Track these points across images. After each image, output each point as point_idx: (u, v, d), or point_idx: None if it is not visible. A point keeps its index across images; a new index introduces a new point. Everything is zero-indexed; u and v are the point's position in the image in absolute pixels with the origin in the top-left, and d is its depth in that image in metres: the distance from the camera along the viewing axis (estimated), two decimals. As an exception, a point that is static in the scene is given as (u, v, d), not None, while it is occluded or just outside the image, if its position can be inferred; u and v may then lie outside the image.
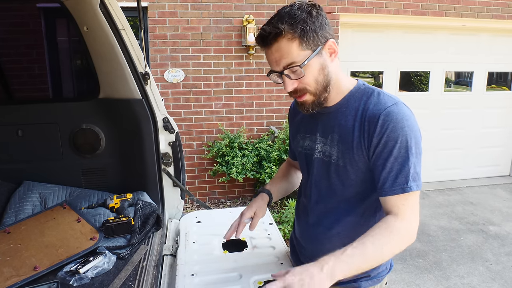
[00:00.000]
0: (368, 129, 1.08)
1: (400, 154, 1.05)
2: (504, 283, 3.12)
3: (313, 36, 1.04)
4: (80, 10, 1.83)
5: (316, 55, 1.06)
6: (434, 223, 4.24)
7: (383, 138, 1.06)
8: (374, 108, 1.09)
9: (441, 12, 4.89)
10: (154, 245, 1.66)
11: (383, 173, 1.07)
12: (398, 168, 1.05)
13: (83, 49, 1.96)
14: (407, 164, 1.05)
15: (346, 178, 1.17)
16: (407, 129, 1.05)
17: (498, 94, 5.74)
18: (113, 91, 2.00)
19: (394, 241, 1.03)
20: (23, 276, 1.35)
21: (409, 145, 1.05)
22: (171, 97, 4.41)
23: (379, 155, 1.07)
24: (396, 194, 1.06)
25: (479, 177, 5.78)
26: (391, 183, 1.06)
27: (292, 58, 1.04)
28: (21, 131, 2.00)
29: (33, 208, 1.88)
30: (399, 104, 1.09)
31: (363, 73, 5.34)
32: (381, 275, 1.29)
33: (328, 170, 1.21)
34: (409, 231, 1.06)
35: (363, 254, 0.99)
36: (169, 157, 2.09)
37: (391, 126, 1.05)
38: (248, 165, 4.19)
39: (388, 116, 1.06)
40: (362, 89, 1.16)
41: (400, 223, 1.04)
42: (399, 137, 1.04)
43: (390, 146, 1.05)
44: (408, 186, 1.05)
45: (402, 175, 1.05)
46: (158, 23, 4.24)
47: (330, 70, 1.10)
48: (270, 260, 1.48)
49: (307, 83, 1.09)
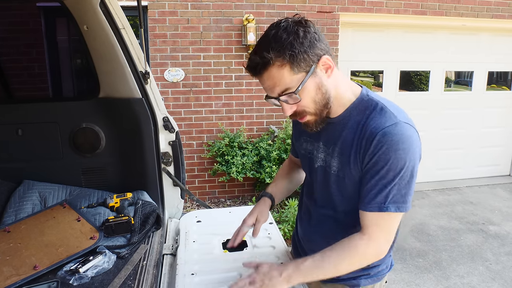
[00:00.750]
0: (364, 146, 1.07)
1: (387, 176, 1.03)
2: (504, 282, 3.12)
3: (303, 58, 0.99)
4: (80, 9, 1.82)
5: (311, 76, 1.02)
6: (434, 223, 4.24)
7: (374, 158, 1.04)
8: (373, 125, 1.06)
9: (441, 11, 4.88)
10: (154, 244, 1.66)
11: (365, 188, 1.08)
12: (380, 187, 1.05)
13: (83, 48, 1.96)
14: (390, 185, 1.04)
15: (344, 190, 1.18)
16: (401, 152, 1.02)
17: (498, 93, 5.74)
18: (113, 90, 1.99)
19: (354, 259, 1.09)
20: (23, 275, 1.35)
21: (399, 169, 1.02)
22: (171, 97, 4.41)
23: (367, 172, 1.07)
24: (372, 211, 1.06)
25: (479, 176, 5.78)
26: (370, 199, 1.06)
27: (285, 84, 1.01)
28: (21, 130, 2.00)
29: (33, 207, 1.88)
30: (399, 124, 1.04)
31: (363, 73, 5.34)
32: (381, 273, 1.30)
33: (329, 180, 1.21)
34: (374, 251, 1.10)
35: (320, 267, 1.08)
36: (169, 157, 2.09)
37: (384, 148, 1.02)
38: (248, 164, 4.19)
39: (384, 137, 1.02)
40: (365, 101, 1.12)
41: (365, 243, 1.07)
42: (390, 160, 1.02)
43: (379, 166, 1.04)
44: (385, 206, 1.04)
45: (382, 194, 1.04)
46: (158, 22, 4.24)
47: (328, 87, 1.07)
48: (270, 259, 1.48)
49: (305, 105, 1.06)
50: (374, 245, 1.08)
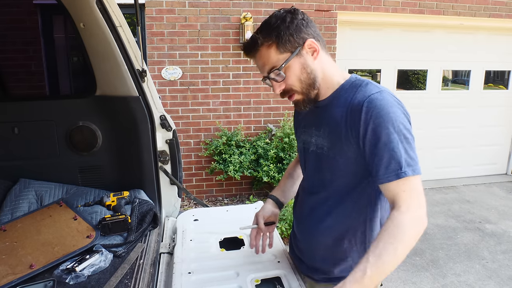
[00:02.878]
0: (354, 117, 1.09)
1: (389, 139, 1.03)
2: (500, 281, 3.14)
3: (289, 40, 1.10)
4: (77, 7, 1.81)
5: (296, 56, 1.11)
6: (431, 221, 4.25)
7: (370, 125, 1.05)
8: (359, 97, 1.10)
9: (438, 10, 4.89)
10: (151, 243, 1.66)
11: (375, 161, 1.06)
12: (389, 154, 1.03)
13: (80, 46, 1.95)
14: (398, 149, 1.03)
15: (336, 169, 1.19)
16: (392, 115, 1.05)
17: (495, 92, 5.75)
18: (110, 89, 1.99)
19: (406, 237, 1.01)
20: (19, 274, 1.34)
21: (397, 130, 1.04)
22: (168, 95, 4.40)
23: (368, 143, 1.07)
24: (391, 181, 1.04)
25: (476, 175, 5.80)
26: (384, 170, 1.04)
27: (272, 63, 1.12)
28: (17, 129, 1.99)
29: (29, 205, 1.88)
30: (384, 92, 1.10)
31: (360, 71, 5.34)
32: None
33: (320, 161, 1.23)
34: (416, 220, 1.03)
35: (383, 267, 0.98)
36: (166, 155, 2.08)
37: (376, 112, 1.05)
38: (246, 163, 4.19)
39: (372, 103, 1.06)
40: (353, 82, 1.17)
41: (405, 216, 1.01)
42: (385, 122, 1.04)
43: (378, 132, 1.04)
44: (402, 171, 1.02)
45: (394, 161, 1.03)
46: (156, 20, 4.22)
47: (313, 68, 1.14)
48: (267, 258, 1.48)
49: (291, 83, 1.14)
50: (413, 214, 1.03)
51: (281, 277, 1.35)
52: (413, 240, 1.03)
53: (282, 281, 1.33)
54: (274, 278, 1.35)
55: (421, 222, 1.04)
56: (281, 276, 1.35)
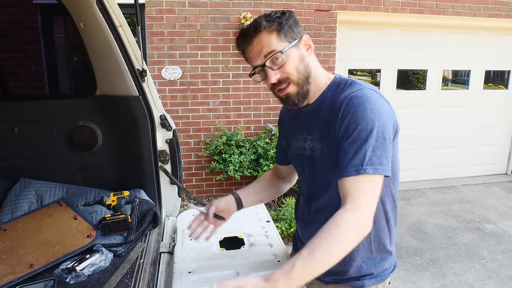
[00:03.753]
0: (335, 115, 1.10)
1: (358, 137, 1.03)
2: (500, 280, 3.14)
3: (289, 30, 1.12)
4: (77, 7, 1.82)
5: (294, 46, 1.13)
6: (431, 221, 4.26)
7: (344, 122, 1.06)
8: (341, 96, 1.11)
9: (438, 10, 4.89)
10: (151, 242, 1.66)
11: (340, 156, 1.06)
12: (354, 150, 1.03)
13: (80, 46, 1.95)
14: (364, 146, 1.02)
15: (332, 171, 1.15)
16: (369, 112, 1.04)
17: (495, 92, 5.76)
18: (110, 88, 1.99)
19: (344, 238, 0.97)
20: (19, 274, 1.35)
21: (369, 129, 1.02)
22: (168, 95, 4.40)
23: (341, 139, 1.07)
24: (350, 176, 1.01)
25: (476, 175, 5.80)
26: (346, 164, 1.03)
27: (272, 47, 1.10)
28: (17, 128, 1.99)
29: (30, 205, 1.88)
30: (365, 89, 1.09)
31: (360, 71, 5.34)
32: (385, 273, 1.28)
33: (317, 165, 1.22)
34: (360, 221, 0.99)
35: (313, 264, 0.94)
36: (166, 155, 2.08)
37: (352, 110, 1.05)
38: (246, 162, 4.19)
39: (351, 101, 1.07)
40: (338, 82, 1.18)
41: (348, 216, 0.98)
42: (360, 120, 1.03)
43: (351, 129, 1.04)
44: (362, 168, 1.00)
45: (358, 157, 1.02)
46: (156, 20, 4.22)
47: (309, 62, 1.16)
48: (267, 257, 1.48)
49: (289, 72, 1.12)
50: (357, 213, 0.98)
51: (281, 276, 1.35)
52: (352, 242, 0.99)
53: (282, 280, 1.33)
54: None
55: (364, 226, 1.00)
56: (281, 276, 1.35)
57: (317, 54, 4.32)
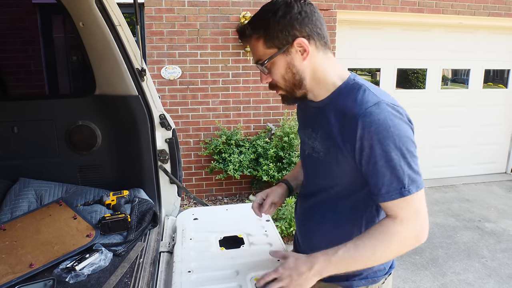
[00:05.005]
0: (349, 130, 1.03)
1: (389, 157, 0.98)
2: (499, 279, 3.14)
3: (277, 36, 1.04)
4: (76, 6, 1.81)
5: (282, 53, 1.06)
6: (431, 220, 4.19)
7: (368, 142, 0.99)
8: (355, 108, 1.03)
9: (438, 9, 4.89)
10: (151, 242, 1.66)
11: (376, 179, 1.01)
12: (391, 171, 0.98)
13: (79, 46, 1.95)
14: (400, 166, 0.98)
15: (332, 176, 1.15)
16: (392, 129, 0.98)
17: (494, 91, 5.76)
18: (110, 88, 1.99)
19: (392, 245, 1.00)
20: (18, 273, 1.35)
21: (398, 146, 0.98)
22: (168, 94, 4.40)
23: (368, 160, 1.01)
24: (393, 199, 1.00)
25: (476, 174, 5.80)
26: (386, 188, 1.00)
27: (258, 55, 1.10)
28: (16, 128, 1.99)
29: (29, 205, 1.88)
30: (381, 104, 1.01)
31: (360, 71, 5.34)
32: (377, 275, 1.24)
33: (317, 166, 1.21)
34: (411, 234, 1.01)
35: (354, 257, 1.00)
36: (166, 154, 2.08)
37: (374, 128, 0.98)
38: (245, 162, 4.19)
39: (370, 117, 0.99)
40: (351, 85, 1.10)
41: (399, 227, 1.00)
42: (385, 139, 0.98)
43: (378, 150, 0.98)
44: (406, 189, 0.98)
45: (397, 179, 0.98)
46: (155, 20, 4.22)
47: (300, 69, 1.08)
48: (267, 257, 1.48)
49: (276, 80, 1.12)
50: (408, 229, 1.01)
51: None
52: (397, 252, 1.03)
53: (281, 279, 1.33)
54: (274, 277, 1.35)
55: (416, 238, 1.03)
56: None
57: (316, 53, 4.17)
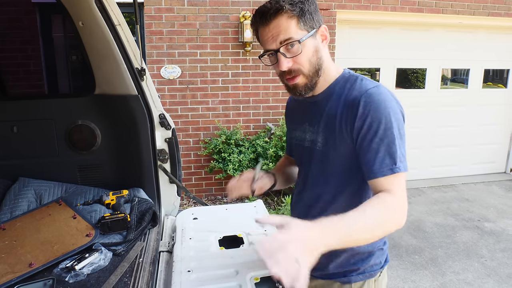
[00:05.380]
0: (351, 112, 1.08)
1: (385, 134, 1.04)
2: (499, 279, 3.15)
3: (310, 18, 1.08)
4: (76, 6, 1.81)
5: (311, 36, 1.09)
6: (430, 220, 4.26)
7: (367, 119, 1.05)
8: (355, 92, 1.10)
9: (437, 9, 4.89)
10: (150, 241, 1.66)
11: (370, 155, 1.05)
12: (384, 149, 1.04)
13: (79, 45, 1.95)
14: (394, 145, 1.03)
15: (330, 165, 1.18)
16: (390, 110, 1.05)
17: (494, 91, 5.76)
18: (109, 87, 1.99)
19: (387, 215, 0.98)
20: (18, 273, 1.34)
21: (393, 126, 1.04)
22: (167, 94, 4.40)
23: (364, 137, 1.06)
24: (385, 175, 1.03)
25: (475, 174, 5.81)
26: (379, 164, 1.04)
27: (290, 34, 1.06)
28: (16, 127, 1.99)
29: (29, 204, 1.87)
30: (380, 86, 1.10)
31: (359, 70, 5.34)
32: (374, 269, 1.26)
33: (315, 157, 1.22)
34: (401, 208, 1.02)
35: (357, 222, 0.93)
36: (166, 154, 2.08)
37: (374, 107, 1.05)
38: (245, 161, 4.19)
39: (370, 97, 1.06)
40: (347, 77, 1.17)
41: (392, 199, 1.00)
42: (383, 117, 1.04)
43: (375, 127, 1.04)
44: (396, 167, 1.03)
45: (389, 156, 1.03)
46: (155, 19, 4.22)
47: (323, 54, 1.13)
48: (267, 256, 1.48)
49: (302, 63, 1.09)
50: (400, 202, 1.01)
51: (280, 275, 1.35)
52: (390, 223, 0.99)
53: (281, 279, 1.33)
54: (274, 276, 1.35)
55: (404, 213, 1.02)
56: (280, 274, 1.35)
57: (316, 53, 4.19)
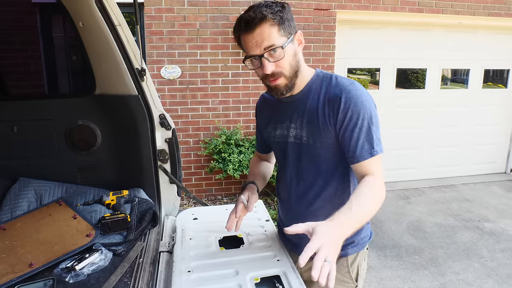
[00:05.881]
0: (333, 107, 1.24)
1: (363, 124, 1.21)
2: (499, 279, 3.15)
3: (288, 25, 1.19)
4: (76, 6, 1.81)
5: (291, 42, 1.21)
6: (430, 220, 4.26)
7: (348, 113, 1.21)
8: (335, 89, 1.25)
9: (437, 9, 4.89)
10: (151, 241, 1.66)
11: (351, 143, 1.23)
12: (364, 137, 1.22)
13: (79, 45, 1.95)
14: (370, 132, 1.22)
15: (317, 155, 1.32)
16: (366, 103, 1.22)
17: (494, 91, 5.76)
18: (109, 87, 1.99)
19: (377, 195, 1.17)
20: (18, 273, 1.34)
21: (370, 116, 1.22)
22: (167, 94, 4.40)
23: (346, 128, 1.23)
24: (365, 159, 1.21)
25: (475, 174, 5.81)
26: (360, 150, 1.22)
27: (272, 41, 1.17)
28: (16, 128, 1.99)
29: (29, 204, 1.87)
30: (355, 83, 1.26)
31: (360, 70, 5.34)
32: (364, 241, 1.45)
33: (301, 150, 1.35)
34: (383, 185, 1.22)
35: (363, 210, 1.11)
36: (166, 154, 2.08)
37: (353, 102, 1.21)
38: (245, 162, 4.19)
39: (349, 94, 1.22)
40: (321, 76, 1.32)
41: (376, 180, 1.20)
42: (361, 110, 1.21)
43: (355, 119, 1.21)
44: (374, 150, 1.22)
45: (367, 142, 1.22)
46: (155, 19, 4.22)
47: (300, 58, 1.26)
48: (267, 256, 1.48)
49: (284, 66, 1.21)
50: (381, 179, 1.22)
51: (280, 275, 1.35)
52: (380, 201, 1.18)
53: (281, 279, 1.33)
54: (274, 277, 1.35)
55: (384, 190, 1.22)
56: (280, 275, 1.35)
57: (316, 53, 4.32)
